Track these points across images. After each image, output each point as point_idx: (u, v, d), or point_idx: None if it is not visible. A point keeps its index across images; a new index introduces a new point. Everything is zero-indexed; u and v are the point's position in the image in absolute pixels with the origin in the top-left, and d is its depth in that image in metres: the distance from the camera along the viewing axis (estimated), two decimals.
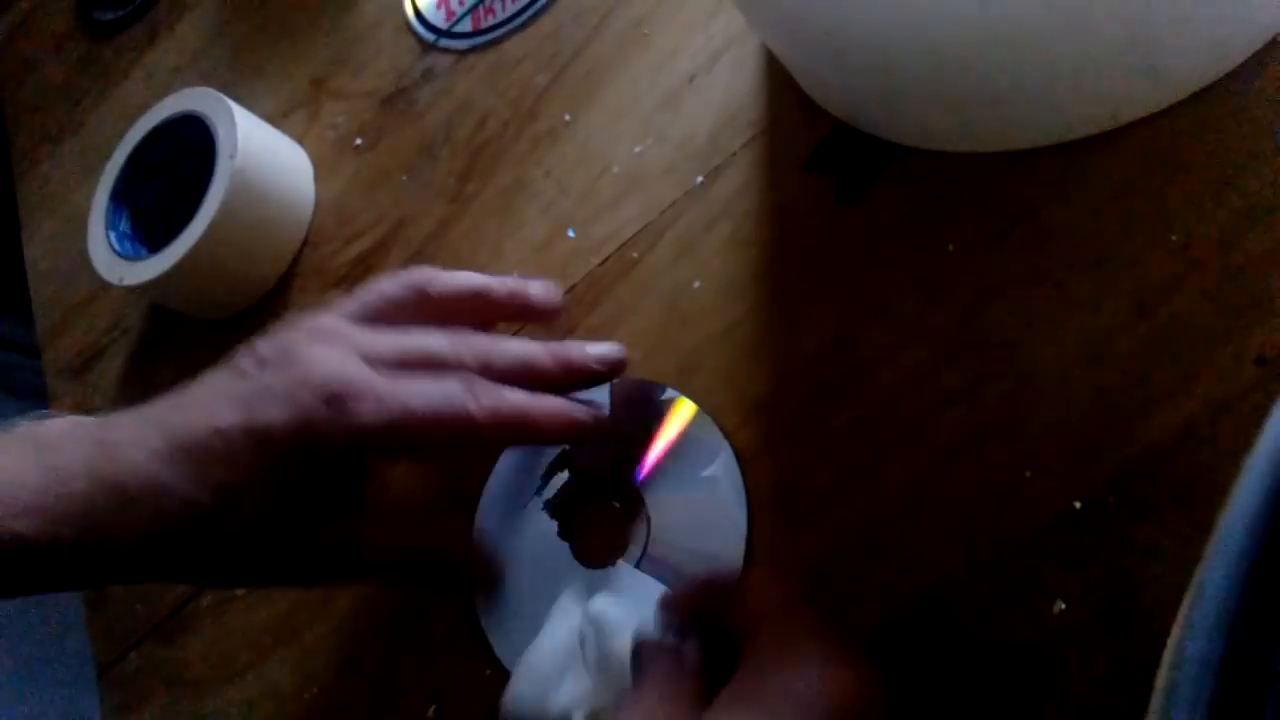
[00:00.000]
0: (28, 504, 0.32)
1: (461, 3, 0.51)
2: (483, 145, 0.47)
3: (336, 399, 0.32)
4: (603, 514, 0.36)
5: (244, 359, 0.34)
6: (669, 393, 0.37)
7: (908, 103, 0.34)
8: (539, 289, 0.38)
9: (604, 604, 0.32)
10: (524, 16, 0.49)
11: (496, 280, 0.38)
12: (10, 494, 0.32)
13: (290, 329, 0.35)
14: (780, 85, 0.39)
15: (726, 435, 0.35)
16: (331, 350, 0.33)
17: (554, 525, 0.37)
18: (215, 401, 0.33)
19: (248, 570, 0.35)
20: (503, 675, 0.35)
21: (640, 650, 0.30)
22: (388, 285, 0.36)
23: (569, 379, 0.35)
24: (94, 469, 0.32)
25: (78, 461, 0.33)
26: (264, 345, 0.34)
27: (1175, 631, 0.16)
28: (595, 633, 0.32)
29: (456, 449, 0.36)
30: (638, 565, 0.34)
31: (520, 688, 0.33)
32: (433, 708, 0.37)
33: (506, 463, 0.39)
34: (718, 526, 0.34)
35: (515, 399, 0.33)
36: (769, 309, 0.36)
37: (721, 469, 0.34)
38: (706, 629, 0.30)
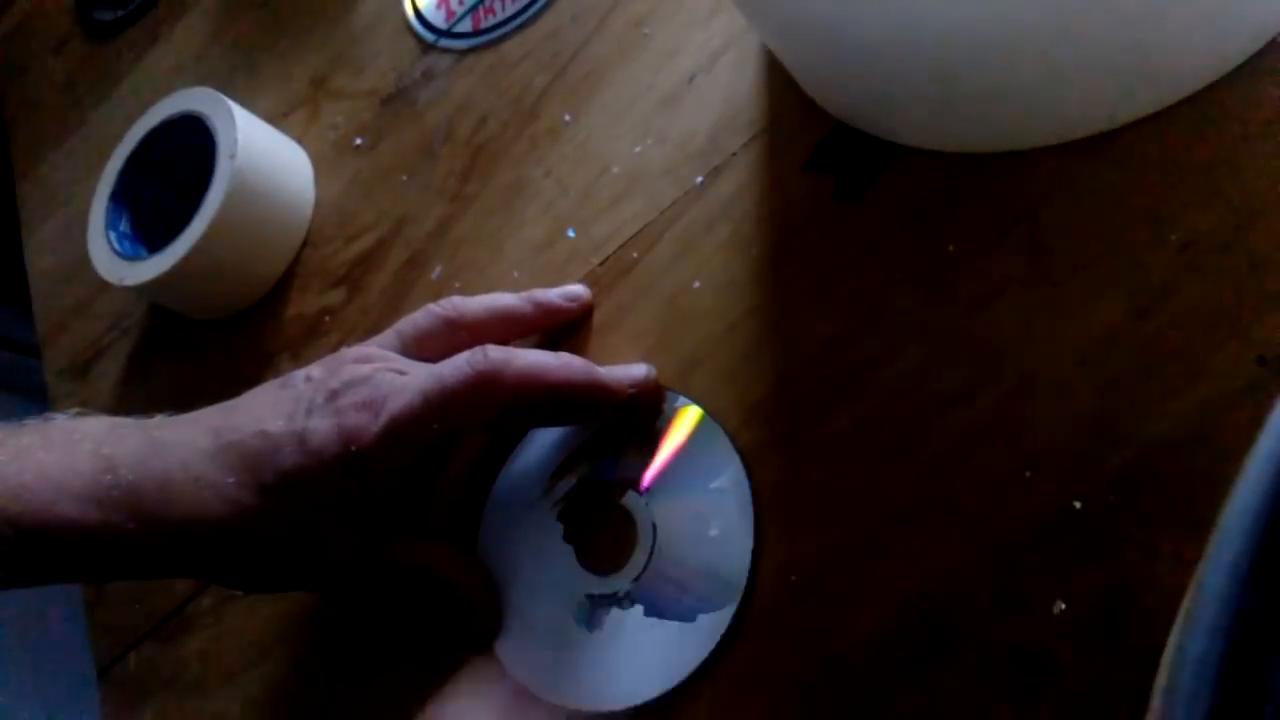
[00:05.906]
0: (80, 490, 0.33)
1: (461, 3, 0.51)
2: (483, 145, 0.47)
3: (372, 404, 0.34)
4: (609, 519, 0.36)
5: (295, 376, 0.36)
6: (680, 401, 0.37)
7: (908, 103, 0.34)
8: (559, 295, 0.40)
9: None
10: (524, 16, 0.49)
11: (519, 298, 0.39)
12: (63, 479, 0.33)
13: (337, 355, 0.37)
14: (780, 85, 0.39)
15: (736, 446, 0.35)
16: (371, 368, 0.35)
17: (560, 527, 0.37)
18: (263, 408, 0.35)
19: (280, 574, 0.36)
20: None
21: None
22: (420, 317, 0.38)
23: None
24: (143, 461, 0.34)
25: (127, 454, 0.34)
26: (314, 367, 0.36)
27: (1175, 631, 0.16)
28: None
29: (488, 416, 0.35)
30: (642, 573, 0.35)
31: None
32: None
33: (516, 463, 0.39)
34: (724, 538, 0.34)
35: (529, 354, 0.35)
36: (769, 309, 0.36)
37: (730, 482, 0.34)
38: None
